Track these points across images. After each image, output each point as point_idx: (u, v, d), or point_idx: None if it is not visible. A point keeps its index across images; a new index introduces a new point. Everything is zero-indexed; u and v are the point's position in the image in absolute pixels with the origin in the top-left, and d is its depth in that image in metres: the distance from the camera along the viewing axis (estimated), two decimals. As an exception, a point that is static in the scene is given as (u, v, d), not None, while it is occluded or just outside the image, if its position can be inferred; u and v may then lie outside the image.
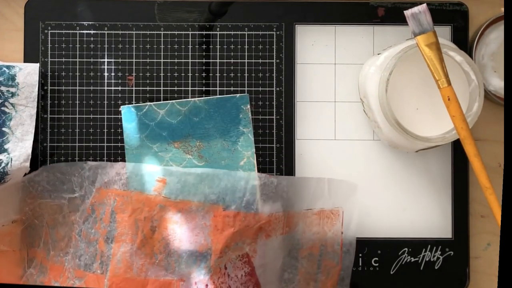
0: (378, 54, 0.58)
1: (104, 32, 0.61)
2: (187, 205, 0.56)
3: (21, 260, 0.59)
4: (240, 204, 0.55)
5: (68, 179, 0.59)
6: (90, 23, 0.61)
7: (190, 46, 0.61)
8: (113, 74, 0.60)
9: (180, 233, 0.56)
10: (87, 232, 0.57)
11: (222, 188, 0.56)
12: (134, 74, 0.61)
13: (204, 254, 0.55)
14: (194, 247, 0.55)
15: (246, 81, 0.60)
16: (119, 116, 0.60)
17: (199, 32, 0.61)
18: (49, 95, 0.60)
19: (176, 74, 0.61)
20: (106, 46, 0.61)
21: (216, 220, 0.55)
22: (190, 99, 0.59)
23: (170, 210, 0.56)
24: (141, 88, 0.60)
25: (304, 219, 0.58)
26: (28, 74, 0.58)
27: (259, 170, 0.59)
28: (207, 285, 0.55)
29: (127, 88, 0.60)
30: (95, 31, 0.61)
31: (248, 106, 0.58)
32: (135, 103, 0.60)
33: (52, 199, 0.59)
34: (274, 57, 0.61)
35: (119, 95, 0.60)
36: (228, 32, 0.61)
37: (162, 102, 0.59)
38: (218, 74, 0.61)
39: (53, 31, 0.60)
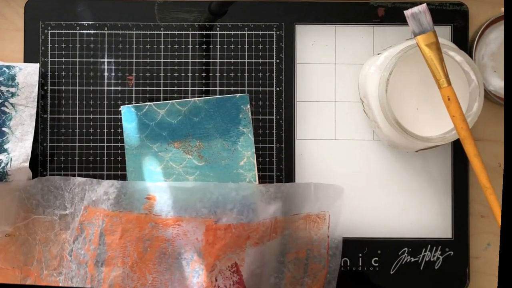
0: (378, 54, 0.58)
1: (104, 32, 0.61)
2: (179, 221, 0.55)
3: (14, 279, 0.57)
4: (231, 215, 0.55)
5: (60, 194, 0.58)
6: (90, 23, 0.61)
7: (190, 46, 0.61)
8: (113, 74, 0.60)
9: (172, 250, 0.55)
10: (77, 252, 0.56)
11: (213, 201, 0.55)
12: (134, 74, 0.61)
13: (196, 269, 0.55)
14: (186, 263, 0.55)
15: (246, 81, 0.60)
16: (119, 116, 0.60)
17: (199, 32, 0.61)
18: (49, 95, 0.60)
19: (176, 74, 0.61)
20: (106, 46, 0.61)
21: (207, 234, 0.54)
22: (190, 99, 0.59)
23: (161, 228, 0.55)
24: (141, 88, 0.60)
25: (291, 224, 0.57)
26: (28, 74, 0.58)
27: (259, 170, 0.59)
28: None
29: (127, 88, 0.60)
30: (95, 31, 0.61)
31: (248, 106, 0.58)
32: (135, 103, 0.60)
33: (45, 215, 0.58)
34: (274, 57, 0.61)
35: (119, 95, 0.60)
36: (228, 32, 0.61)
37: (162, 102, 0.59)
38: (218, 74, 0.61)
39: (53, 31, 0.60)
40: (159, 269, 0.55)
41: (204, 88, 0.61)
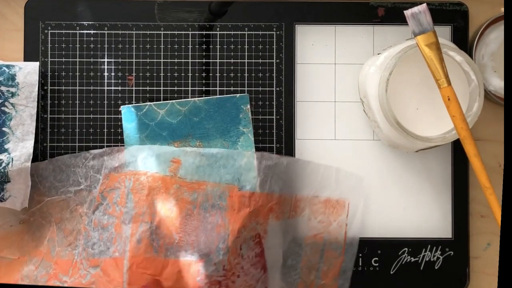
0: (378, 54, 0.58)
1: (104, 32, 0.61)
2: (203, 185, 0.56)
3: (21, 264, 0.58)
4: (254, 184, 0.56)
5: (73, 171, 0.59)
6: (90, 23, 0.61)
7: (190, 46, 0.61)
8: (113, 74, 0.60)
9: (197, 213, 0.56)
10: (99, 219, 0.57)
11: (236, 168, 0.56)
12: (134, 74, 0.61)
13: (221, 234, 0.55)
14: (212, 227, 0.56)
15: (246, 81, 0.60)
16: (119, 116, 0.60)
17: (199, 32, 0.61)
18: (49, 95, 0.60)
19: (176, 74, 0.61)
20: (106, 46, 0.61)
21: (232, 200, 0.56)
22: (190, 99, 0.59)
23: (186, 190, 0.56)
24: (141, 88, 0.60)
25: (310, 205, 0.59)
26: (28, 74, 0.58)
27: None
28: (224, 266, 0.55)
29: (127, 88, 0.61)
30: (95, 31, 0.61)
31: (248, 106, 0.58)
32: (135, 103, 0.60)
33: (59, 195, 0.59)
34: (274, 57, 0.61)
35: (119, 95, 0.60)
36: (228, 32, 0.61)
37: (162, 102, 0.59)
38: (218, 74, 0.61)
39: (53, 31, 0.60)
40: (186, 230, 0.55)
41: (204, 88, 0.61)
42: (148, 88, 0.60)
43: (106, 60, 0.60)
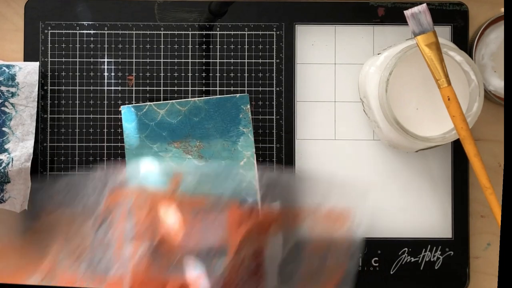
0: (378, 54, 0.58)
1: (104, 32, 0.61)
2: (204, 200, 0.56)
3: (25, 274, 0.58)
4: (255, 199, 0.56)
5: (83, 183, 0.59)
6: (90, 23, 0.61)
7: (190, 46, 0.61)
8: (113, 74, 0.60)
9: (198, 228, 0.56)
10: (103, 236, 0.57)
11: (238, 182, 0.56)
12: (134, 74, 0.61)
13: (222, 249, 0.55)
14: (212, 243, 0.55)
15: (246, 81, 0.60)
16: (119, 116, 0.60)
17: (199, 32, 0.61)
18: (49, 95, 0.60)
19: (176, 74, 0.61)
20: (106, 46, 0.61)
21: (233, 215, 0.55)
22: (190, 99, 0.59)
23: (187, 205, 0.56)
24: (141, 88, 0.61)
25: (312, 215, 0.58)
26: (28, 74, 0.58)
27: (259, 170, 0.59)
28: (224, 278, 0.55)
29: (127, 88, 0.61)
30: (95, 31, 0.61)
31: (248, 106, 0.58)
32: (135, 103, 0.60)
33: (69, 209, 0.58)
34: (274, 57, 0.61)
35: (119, 95, 0.60)
36: (228, 32, 0.61)
37: (162, 102, 0.59)
38: (218, 74, 0.61)
39: (53, 31, 0.60)
40: (187, 246, 0.55)
41: (204, 88, 0.61)
42: (148, 88, 0.60)
43: (106, 60, 0.60)
